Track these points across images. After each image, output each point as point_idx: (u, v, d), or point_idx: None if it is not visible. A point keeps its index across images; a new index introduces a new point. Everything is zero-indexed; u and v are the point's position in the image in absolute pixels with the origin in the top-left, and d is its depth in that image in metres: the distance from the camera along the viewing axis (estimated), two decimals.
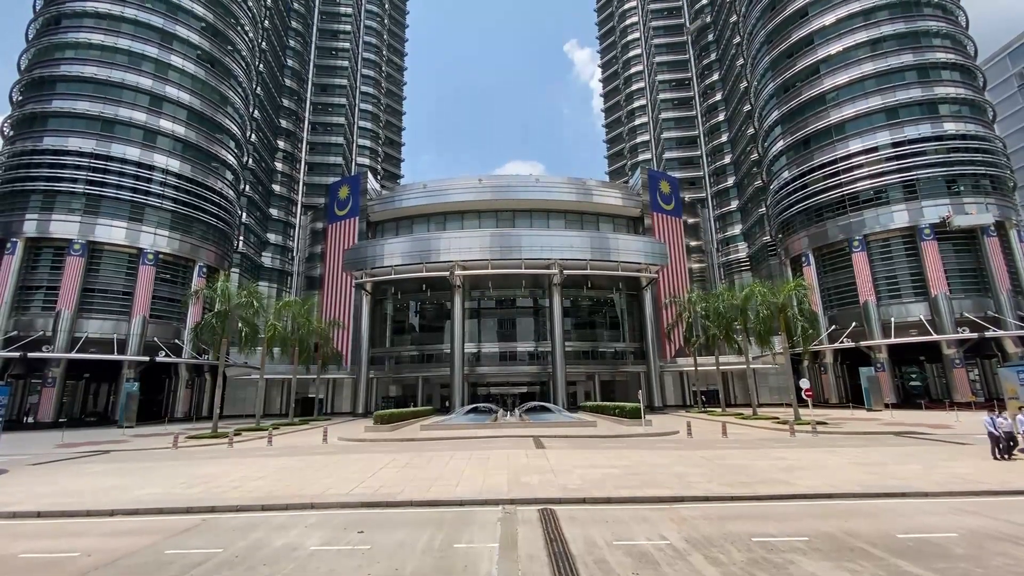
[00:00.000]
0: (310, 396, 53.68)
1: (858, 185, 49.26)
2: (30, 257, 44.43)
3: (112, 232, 46.00)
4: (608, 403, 38.91)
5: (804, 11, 54.78)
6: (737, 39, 67.15)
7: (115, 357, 43.34)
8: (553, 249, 50.42)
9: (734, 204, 70.88)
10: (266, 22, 66.74)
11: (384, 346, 58.78)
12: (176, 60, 51.24)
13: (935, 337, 43.02)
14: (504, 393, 57.43)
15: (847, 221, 49.59)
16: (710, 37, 77.62)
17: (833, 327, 49.61)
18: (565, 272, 49.89)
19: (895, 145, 48.40)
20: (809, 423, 27.82)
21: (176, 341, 48.43)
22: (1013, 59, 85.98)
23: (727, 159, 72.57)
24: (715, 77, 76.10)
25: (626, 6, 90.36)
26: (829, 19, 52.80)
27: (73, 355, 41.61)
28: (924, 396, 45.76)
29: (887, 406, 42.18)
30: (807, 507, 11.12)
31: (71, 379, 44.87)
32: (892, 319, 46.05)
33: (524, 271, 50.25)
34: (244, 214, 61.23)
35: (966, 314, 43.96)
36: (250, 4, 60.43)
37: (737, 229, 69.89)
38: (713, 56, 76.88)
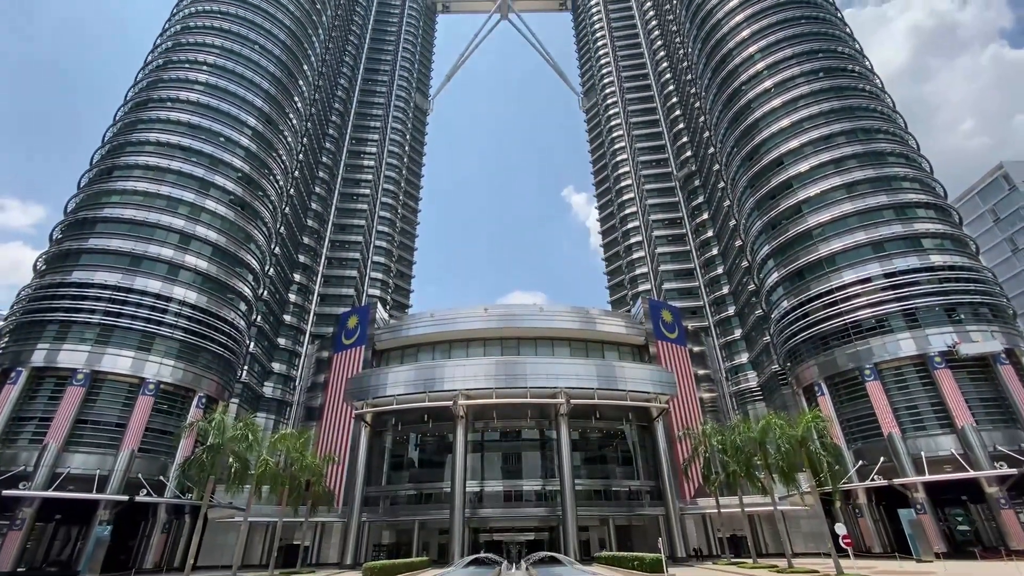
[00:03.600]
0: (295, 543, 48.76)
1: (859, 314, 49.87)
2: (31, 386, 44.07)
3: (118, 362, 46.15)
4: (625, 553, 35.01)
5: (780, 160, 60.71)
6: (722, 184, 73.49)
7: (92, 496, 40.46)
8: (559, 377, 49.55)
9: (737, 333, 71.26)
10: (296, 172, 74.36)
11: (380, 484, 54.89)
12: (210, 204, 56.09)
13: (972, 474, 39.92)
14: (509, 540, 52.05)
15: (854, 350, 49.25)
16: (696, 183, 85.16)
17: (860, 463, 46.42)
18: (572, 401, 48.39)
19: (887, 276, 50.04)
20: None
21: (160, 478, 45.60)
22: (983, 197, 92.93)
23: (725, 290, 74.76)
24: (705, 216, 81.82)
25: (618, 158, 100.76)
26: (804, 167, 58.25)
27: (49, 493, 38.97)
28: (976, 543, 41.01)
29: (938, 555, 37.59)
30: None
31: (41, 520, 41.36)
32: (922, 453, 43.25)
33: (529, 400, 48.79)
34: (252, 343, 61.89)
35: (999, 447, 41.37)
36: (284, 158, 67.96)
37: (744, 358, 69.31)
38: (701, 198, 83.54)
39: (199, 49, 63.77)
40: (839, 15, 71.09)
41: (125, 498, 41.48)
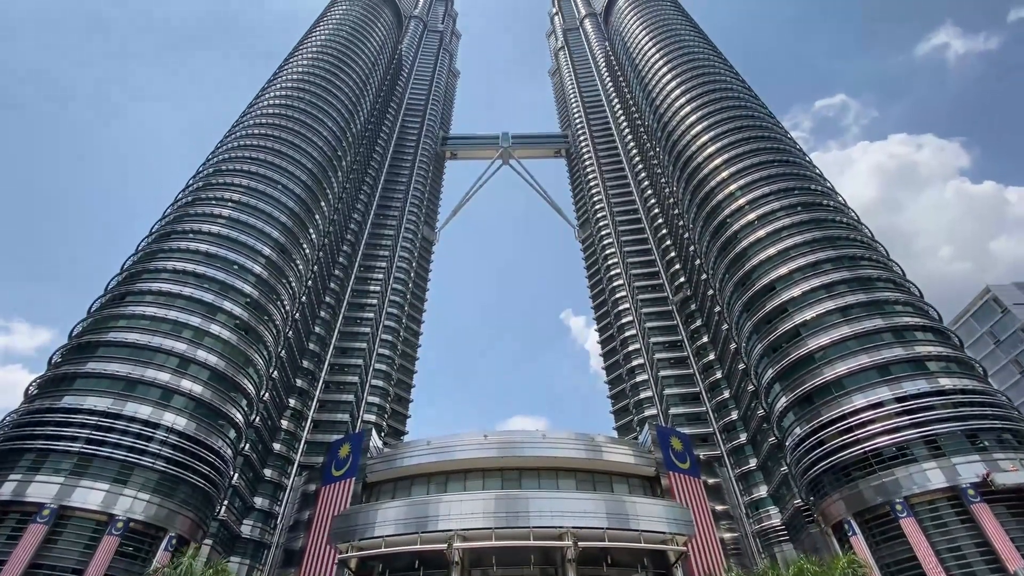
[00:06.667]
0: None
1: (877, 441, 47.39)
2: None
3: (89, 496, 42.94)
4: None
5: (772, 286, 62.50)
6: (717, 308, 74.91)
7: None
8: (564, 515, 45.38)
9: (753, 463, 67.09)
10: (303, 297, 76.46)
11: None
12: (215, 328, 56.63)
13: None
14: None
15: (879, 481, 45.92)
16: (693, 306, 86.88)
17: None
18: (580, 544, 43.79)
19: (899, 400, 48.55)
20: None
21: None
22: (978, 320, 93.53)
23: (734, 415, 72.04)
24: (705, 339, 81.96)
25: (615, 284, 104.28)
26: (796, 292, 59.78)
27: None
28: None
29: None
30: None
31: None
32: None
33: (533, 543, 44.21)
34: (236, 475, 58.03)
35: None
36: (293, 284, 70.35)
37: (763, 491, 64.37)
38: (699, 321, 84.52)
39: (225, 188, 69.74)
40: (807, 158, 78.97)
41: None
